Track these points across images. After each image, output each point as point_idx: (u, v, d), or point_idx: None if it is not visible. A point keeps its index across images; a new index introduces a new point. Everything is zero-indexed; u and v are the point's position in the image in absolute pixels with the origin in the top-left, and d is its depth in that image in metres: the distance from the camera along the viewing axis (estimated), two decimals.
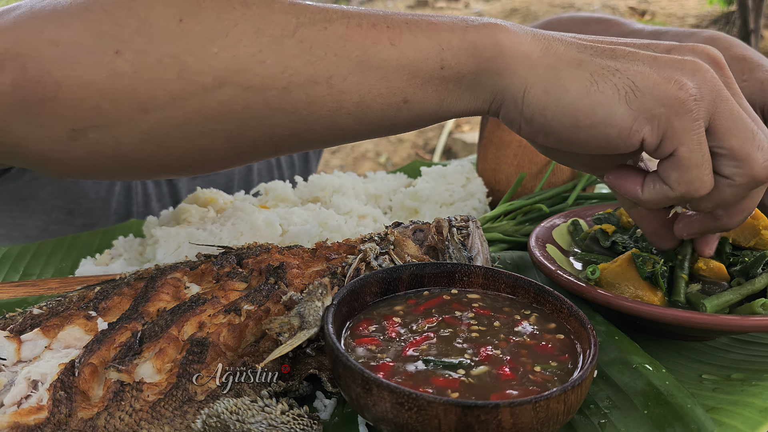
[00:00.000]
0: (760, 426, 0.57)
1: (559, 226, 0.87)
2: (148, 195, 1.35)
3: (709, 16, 6.03)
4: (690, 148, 0.62)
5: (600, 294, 0.69)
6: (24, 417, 0.56)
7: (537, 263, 0.77)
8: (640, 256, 0.73)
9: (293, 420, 0.56)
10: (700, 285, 0.73)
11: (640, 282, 0.72)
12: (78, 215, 1.30)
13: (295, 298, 0.63)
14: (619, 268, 0.73)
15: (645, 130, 0.62)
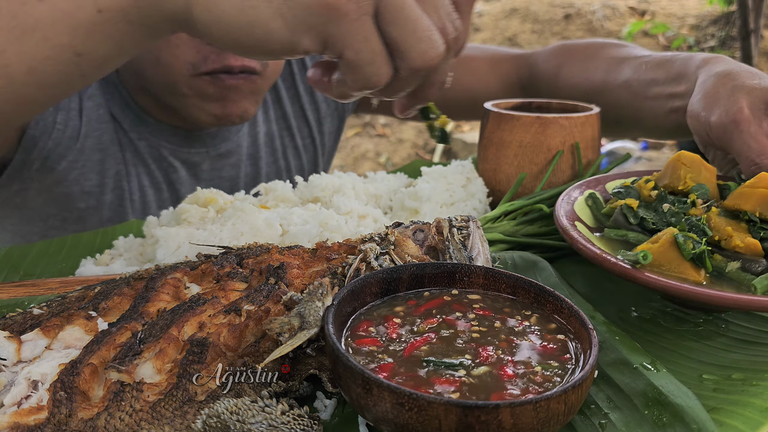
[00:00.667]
0: (761, 426, 0.57)
1: (578, 200, 0.87)
2: (146, 201, 1.36)
3: (709, 16, 6.03)
4: (355, 50, 0.62)
5: (652, 279, 0.70)
6: (24, 417, 0.56)
7: (579, 247, 0.76)
8: (681, 237, 0.73)
9: (293, 420, 0.56)
10: (739, 263, 0.74)
11: (683, 262, 0.72)
12: (71, 222, 1.31)
13: (295, 299, 0.62)
14: (661, 249, 0.73)
15: (305, 42, 0.63)
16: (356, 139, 5.36)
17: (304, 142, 1.52)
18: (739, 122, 0.86)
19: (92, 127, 1.27)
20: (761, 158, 0.85)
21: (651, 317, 0.79)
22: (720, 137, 0.89)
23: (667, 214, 0.81)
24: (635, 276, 0.71)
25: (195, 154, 1.37)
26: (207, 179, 1.40)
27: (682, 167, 0.85)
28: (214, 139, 1.38)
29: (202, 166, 1.38)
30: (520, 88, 1.48)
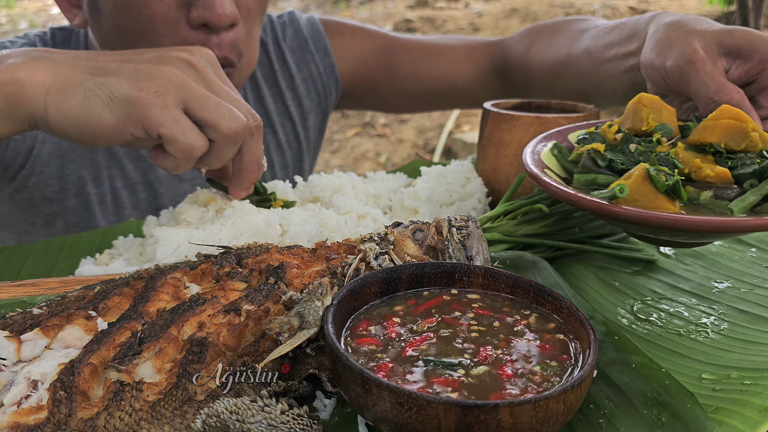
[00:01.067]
0: (760, 426, 0.57)
1: (543, 151, 0.87)
2: (120, 204, 1.36)
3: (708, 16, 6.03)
4: (168, 127, 0.83)
5: (632, 211, 0.69)
6: (24, 417, 0.56)
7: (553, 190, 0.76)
8: (653, 170, 0.73)
9: (293, 420, 0.56)
10: (711, 192, 0.74)
11: (657, 195, 0.72)
12: (40, 227, 1.34)
13: (295, 298, 0.63)
14: (635, 183, 0.73)
15: (129, 127, 0.84)
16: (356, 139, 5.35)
17: (287, 138, 1.52)
18: (695, 62, 0.88)
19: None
20: (719, 95, 0.86)
21: (651, 317, 0.79)
22: (677, 80, 0.91)
23: (635, 154, 0.81)
24: (613, 211, 0.70)
25: None
26: (189, 178, 1.40)
27: (644, 108, 0.85)
28: None
29: None
30: (496, 74, 1.49)
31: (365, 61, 1.53)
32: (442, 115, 5.31)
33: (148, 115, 0.82)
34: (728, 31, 0.90)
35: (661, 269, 0.89)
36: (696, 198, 0.74)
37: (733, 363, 0.70)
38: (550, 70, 1.32)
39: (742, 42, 0.89)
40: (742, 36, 0.89)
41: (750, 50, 0.88)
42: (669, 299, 0.83)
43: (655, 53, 0.95)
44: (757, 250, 0.94)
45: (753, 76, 0.90)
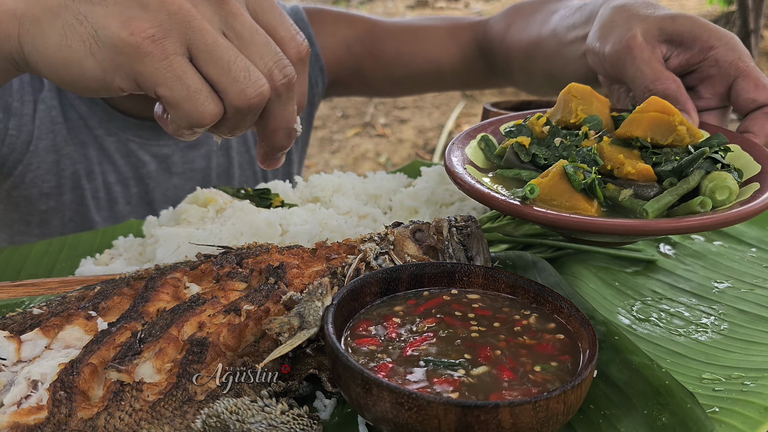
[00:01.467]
0: (760, 426, 0.57)
1: (470, 144, 0.83)
2: (113, 198, 1.36)
3: (709, 16, 6.02)
4: (169, 87, 0.62)
5: (541, 213, 0.66)
6: (24, 417, 0.56)
7: (467, 188, 0.72)
8: (570, 168, 0.70)
9: (293, 420, 0.56)
10: (632, 190, 0.71)
11: (574, 194, 0.69)
12: (35, 226, 1.33)
13: (295, 298, 0.62)
14: (551, 182, 0.70)
15: (117, 80, 0.64)
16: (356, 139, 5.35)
17: None
18: (632, 48, 0.85)
19: (45, 129, 1.28)
20: (655, 84, 0.83)
21: (651, 317, 0.79)
22: (614, 66, 0.88)
23: (559, 148, 0.77)
24: (523, 212, 0.67)
25: (164, 147, 1.37)
26: (179, 172, 1.40)
27: (573, 99, 0.82)
28: None
29: (173, 159, 1.38)
30: (481, 55, 1.46)
31: (349, 46, 1.52)
32: (442, 115, 5.31)
33: (141, 69, 0.62)
34: (671, 17, 0.87)
35: (661, 269, 0.89)
36: (616, 197, 0.71)
37: (733, 363, 0.70)
38: (524, 52, 1.27)
39: (683, 29, 0.85)
40: (683, 23, 0.86)
41: (691, 38, 0.85)
42: (669, 299, 0.83)
43: (597, 37, 0.91)
44: (757, 250, 0.94)
45: (693, 65, 0.86)
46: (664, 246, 0.95)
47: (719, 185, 0.68)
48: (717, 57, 0.84)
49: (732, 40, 0.84)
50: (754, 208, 0.65)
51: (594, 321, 0.70)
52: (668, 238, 0.96)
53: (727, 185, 0.68)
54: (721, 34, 0.84)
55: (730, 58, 0.83)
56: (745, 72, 0.83)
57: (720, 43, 0.84)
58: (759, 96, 0.82)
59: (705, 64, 0.85)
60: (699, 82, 0.87)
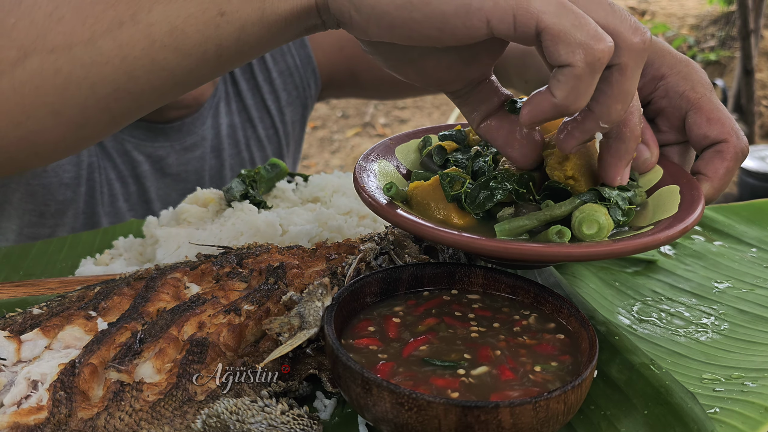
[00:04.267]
0: (760, 426, 0.57)
1: (408, 142, 0.78)
2: (114, 195, 1.36)
3: (709, 16, 6.02)
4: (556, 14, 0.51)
5: (399, 216, 0.63)
6: (24, 417, 0.56)
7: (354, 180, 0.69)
8: (448, 177, 0.66)
9: (293, 420, 0.56)
10: (512, 209, 0.66)
11: (447, 204, 0.66)
12: (49, 216, 1.31)
13: (295, 298, 0.63)
14: (429, 187, 0.67)
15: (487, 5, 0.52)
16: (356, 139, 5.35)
17: (267, 132, 1.51)
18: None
19: None
20: None
21: (651, 317, 0.79)
22: None
23: (473, 156, 0.72)
24: (385, 213, 0.63)
25: (159, 148, 1.37)
26: (174, 173, 1.40)
27: None
28: (179, 133, 1.38)
29: (168, 160, 1.38)
30: None
31: (342, 47, 1.51)
32: (442, 115, 5.31)
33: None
34: None
35: (662, 269, 0.89)
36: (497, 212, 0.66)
37: (733, 363, 0.70)
38: (520, 59, 1.21)
39: None
40: None
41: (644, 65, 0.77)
42: (669, 299, 0.83)
43: None
44: (757, 250, 0.94)
45: (647, 95, 0.75)
46: (664, 246, 0.95)
47: (588, 218, 0.62)
48: (668, 87, 0.74)
49: (686, 67, 0.74)
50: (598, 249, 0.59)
51: (594, 321, 0.70)
52: None
53: (596, 219, 0.62)
54: (675, 60, 0.74)
55: (682, 89, 0.73)
56: (697, 104, 0.72)
57: (671, 71, 0.74)
58: (711, 131, 0.71)
59: (656, 95, 0.75)
60: (655, 114, 0.76)
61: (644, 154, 0.72)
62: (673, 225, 0.62)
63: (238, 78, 1.47)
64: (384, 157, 0.75)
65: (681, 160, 0.76)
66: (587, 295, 0.82)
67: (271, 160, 1.09)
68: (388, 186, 0.66)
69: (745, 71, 4.34)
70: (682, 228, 0.61)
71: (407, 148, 0.78)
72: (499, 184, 0.65)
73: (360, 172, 0.70)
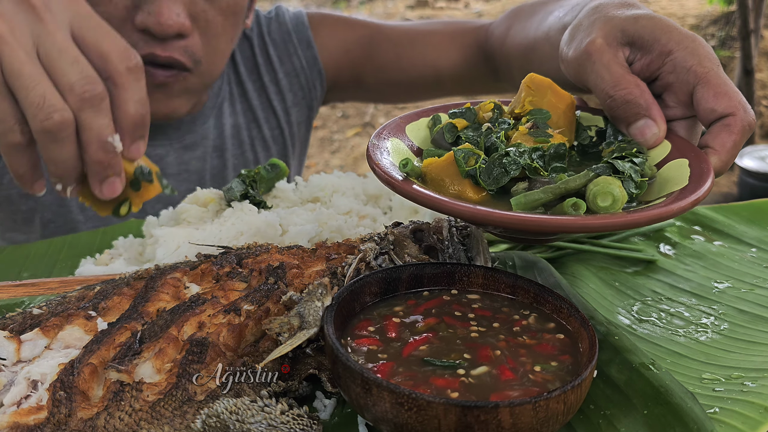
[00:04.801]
0: (760, 426, 0.57)
1: (418, 121, 0.79)
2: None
3: (709, 16, 6.02)
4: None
5: (415, 191, 0.63)
6: (24, 417, 0.56)
7: (367, 157, 0.70)
8: (462, 153, 0.67)
9: (293, 420, 0.56)
10: (527, 183, 0.66)
11: (462, 179, 0.67)
12: (20, 223, 1.34)
13: (295, 298, 0.62)
14: (444, 163, 0.68)
15: None
16: (356, 139, 5.35)
17: (272, 133, 1.51)
18: (591, 53, 0.77)
19: None
20: (615, 89, 0.75)
21: (651, 317, 0.79)
22: (576, 73, 0.80)
23: (484, 133, 0.73)
24: (401, 188, 0.64)
25: (158, 147, 1.36)
26: (174, 173, 1.40)
27: (525, 90, 0.77)
28: (178, 131, 1.38)
29: (167, 159, 1.38)
30: (483, 60, 1.43)
31: (348, 50, 1.51)
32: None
33: None
34: (634, 17, 0.78)
35: (661, 269, 0.89)
36: (515, 187, 0.67)
37: (733, 363, 0.70)
38: (522, 55, 1.21)
39: (644, 31, 0.76)
40: (645, 24, 0.77)
41: (651, 40, 0.76)
42: (669, 299, 0.83)
43: (566, 41, 0.83)
44: (757, 250, 0.94)
45: (654, 71, 0.76)
46: (664, 246, 0.95)
47: (602, 191, 0.63)
48: (675, 62, 0.75)
49: (693, 42, 0.75)
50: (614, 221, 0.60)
51: (594, 321, 0.70)
52: (668, 238, 0.96)
53: (611, 191, 0.63)
54: (682, 36, 0.76)
55: (689, 64, 0.74)
56: (705, 78, 0.73)
57: (678, 47, 0.75)
58: (718, 105, 0.72)
59: (664, 70, 0.76)
60: (662, 89, 0.78)
61: (652, 128, 0.73)
62: (685, 196, 0.62)
63: (244, 79, 1.47)
64: (395, 135, 0.75)
65: (688, 134, 0.77)
66: (587, 295, 0.82)
67: (271, 161, 1.09)
68: (404, 162, 0.66)
69: (745, 71, 4.34)
70: (693, 199, 0.62)
71: (417, 126, 0.78)
72: (512, 160, 0.66)
73: (373, 149, 0.70)
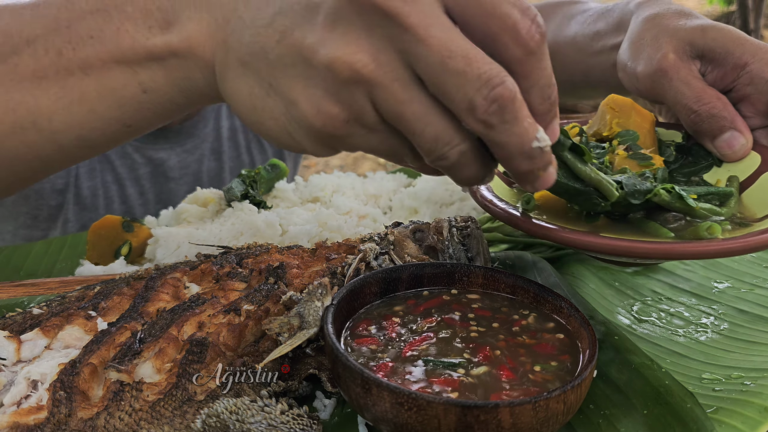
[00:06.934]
0: (760, 426, 0.57)
1: None
2: (109, 197, 1.37)
3: (709, 16, 6.03)
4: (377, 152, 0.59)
5: (536, 225, 0.64)
6: (24, 417, 0.56)
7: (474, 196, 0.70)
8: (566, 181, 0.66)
9: (293, 420, 0.56)
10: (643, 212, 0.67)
11: (571, 208, 0.67)
12: (41, 220, 1.33)
13: (294, 298, 0.63)
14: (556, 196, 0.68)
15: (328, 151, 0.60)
16: None
17: None
18: (667, 70, 0.78)
19: None
20: (698, 104, 0.77)
21: (651, 317, 0.79)
22: (649, 89, 0.82)
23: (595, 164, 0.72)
24: (518, 222, 0.65)
25: (160, 150, 1.37)
26: (175, 177, 1.40)
27: (610, 112, 0.78)
28: (179, 135, 1.38)
29: (169, 163, 1.39)
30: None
31: None
32: None
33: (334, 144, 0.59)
34: (701, 29, 0.80)
35: (661, 269, 0.89)
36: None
37: (733, 363, 0.70)
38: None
39: (715, 44, 0.78)
40: (714, 36, 0.79)
41: (723, 54, 0.78)
42: (669, 299, 0.83)
43: (628, 55, 0.85)
44: None
45: (729, 83, 0.78)
46: None
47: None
48: (752, 74, 0.77)
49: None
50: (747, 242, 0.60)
51: (594, 321, 0.70)
52: None
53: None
54: (755, 47, 0.77)
55: (767, 75, 0.76)
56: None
57: (754, 58, 0.77)
58: None
59: (740, 83, 0.78)
60: (738, 100, 0.79)
61: (739, 140, 0.75)
62: None
63: None
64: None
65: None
66: (587, 295, 0.82)
67: (272, 161, 1.09)
68: (526, 199, 0.66)
69: None
70: None
71: None
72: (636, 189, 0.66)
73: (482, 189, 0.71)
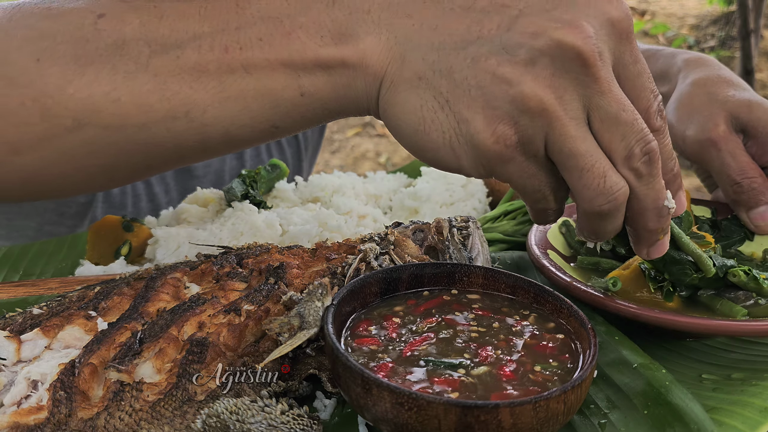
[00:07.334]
0: (760, 426, 0.57)
1: (551, 228, 0.85)
2: (125, 193, 1.36)
3: (709, 16, 6.02)
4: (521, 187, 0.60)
5: (623, 306, 0.68)
6: (24, 417, 0.56)
7: (548, 275, 0.74)
8: (644, 267, 0.72)
9: (293, 420, 0.56)
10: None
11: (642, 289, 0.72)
12: (68, 217, 1.32)
13: (295, 298, 0.63)
14: (632, 275, 0.72)
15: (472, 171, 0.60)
16: (356, 139, 5.35)
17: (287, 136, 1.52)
18: (716, 141, 0.83)
19: None
20: (741, 177, 0.82)
21: None
22: (696, 154, 0.86)
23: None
24: (605, 304, 0.69)
25: None
26: (200, 175, 1.41)
27: None
28: None
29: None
30: None
31: None
32: None
33: (500, 170, 0.59)
34: (747, 105, 0.84)
35: None
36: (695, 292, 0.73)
37: (733, 363, 0.70)
38: None
39: (759, 123, 0.83)
40: (760, 116, 0.83)
41: (765, 133, 0.82)
42: None
43: (677, 117, 0.88)
44: None
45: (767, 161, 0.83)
46: None
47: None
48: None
49: None
50: None
51: (594, 321, 0.70)
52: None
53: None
54: None
55: None
56: None
57: None
58: None
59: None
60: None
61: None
62: None
63: None
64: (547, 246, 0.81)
65: None
66: None
67: (272, 161, 1.09)
68: (613, 281, 0.71)
69: (745, 71, 4.35)
70: None
71: (553, 234, 0.84)
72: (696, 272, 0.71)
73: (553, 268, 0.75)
